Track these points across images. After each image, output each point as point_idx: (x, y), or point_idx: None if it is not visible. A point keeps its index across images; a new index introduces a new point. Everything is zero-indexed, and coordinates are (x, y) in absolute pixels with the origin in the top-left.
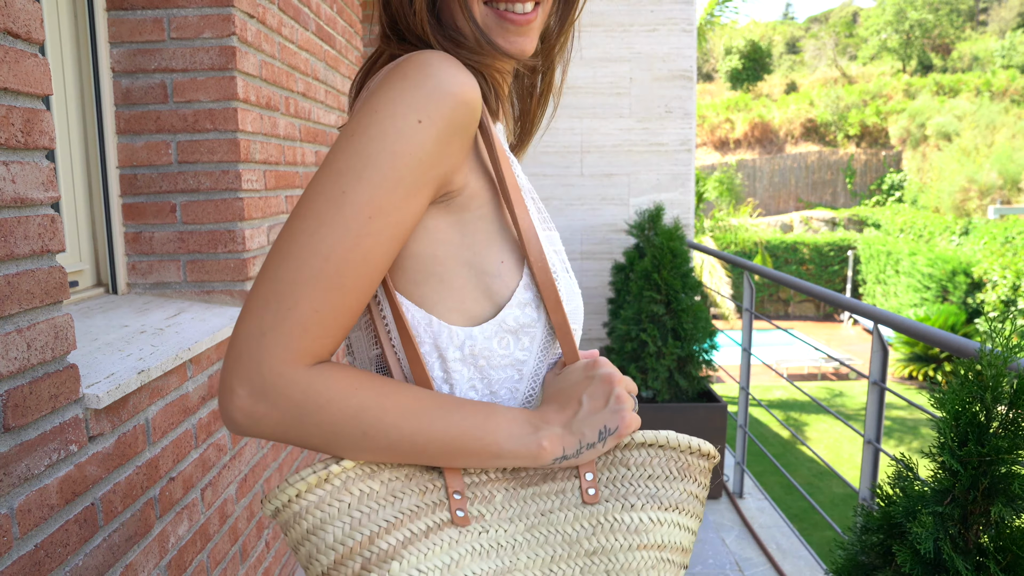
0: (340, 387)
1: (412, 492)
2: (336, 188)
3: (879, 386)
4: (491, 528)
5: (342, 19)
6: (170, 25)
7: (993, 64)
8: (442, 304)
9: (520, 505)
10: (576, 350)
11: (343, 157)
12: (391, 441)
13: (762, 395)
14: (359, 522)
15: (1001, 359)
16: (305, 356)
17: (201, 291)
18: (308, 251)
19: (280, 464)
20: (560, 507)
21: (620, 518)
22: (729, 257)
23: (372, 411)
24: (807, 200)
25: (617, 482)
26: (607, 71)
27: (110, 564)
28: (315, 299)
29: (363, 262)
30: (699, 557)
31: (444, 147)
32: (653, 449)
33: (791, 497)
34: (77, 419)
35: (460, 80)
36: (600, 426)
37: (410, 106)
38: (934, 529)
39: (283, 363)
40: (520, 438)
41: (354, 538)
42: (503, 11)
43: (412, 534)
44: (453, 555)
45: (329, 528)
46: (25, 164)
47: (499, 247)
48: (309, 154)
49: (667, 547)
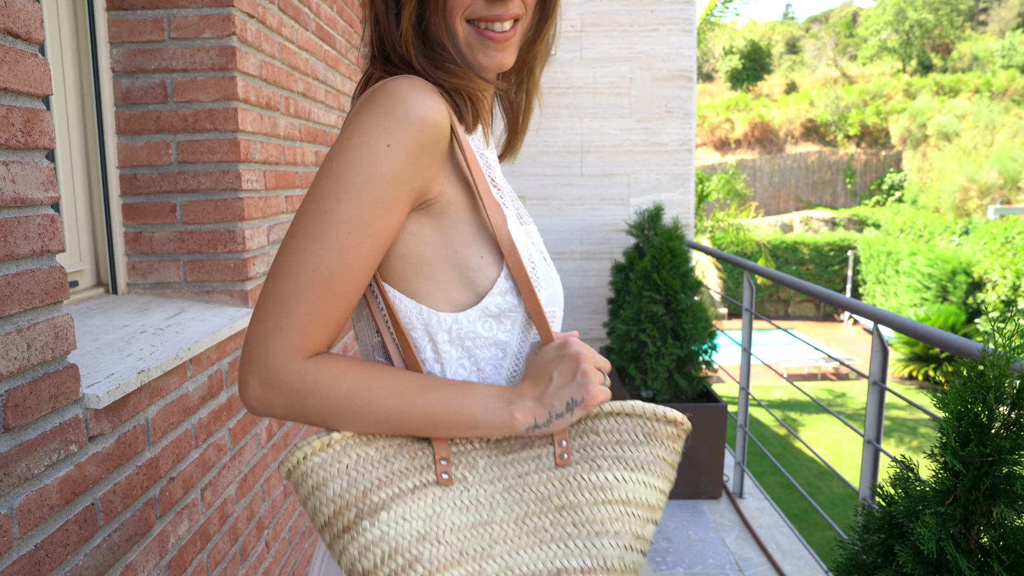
0: (332, 374)
1: (403, 457)
2: (320, 210)
3: (879, 386)
4: (472, 488)
5: (342, 19)
6: (170, 25)
7: (993, 64)
8: (431, 296)
9: (500, 469)
10: (550, 332)
11: (326, 182)
12: (379, 417)
13: (762, 395)
14: (355, 480)
15: (1003, 359)
16: (303, 351)
17: (201, 291)
18: (300, 265)
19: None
20: (535, 470)
21: (587, 478)
22: (729, 257)
23: (361, 392)
24: (807, 200)
25: (588, 447)
26: (607, 71)
27: (110, 564)
28: (308, 304)
29: (347, 271)
30: (699, 557)
31: (414, 164)
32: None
33: (791, 497)
34: (77, 419)
35: (426, 105)
36: (568, 398)
37: (380, 132)
38: (936, 529)
39: (285, 358)
40: (494, 411)
41: (350, 492)
42: (483, 29)
43: (400, 491)
44: (436, 508)
45: (330, 484)
46: (25, 164)
47: (478, 244)
48: (309, 154)
49: (632, 503)
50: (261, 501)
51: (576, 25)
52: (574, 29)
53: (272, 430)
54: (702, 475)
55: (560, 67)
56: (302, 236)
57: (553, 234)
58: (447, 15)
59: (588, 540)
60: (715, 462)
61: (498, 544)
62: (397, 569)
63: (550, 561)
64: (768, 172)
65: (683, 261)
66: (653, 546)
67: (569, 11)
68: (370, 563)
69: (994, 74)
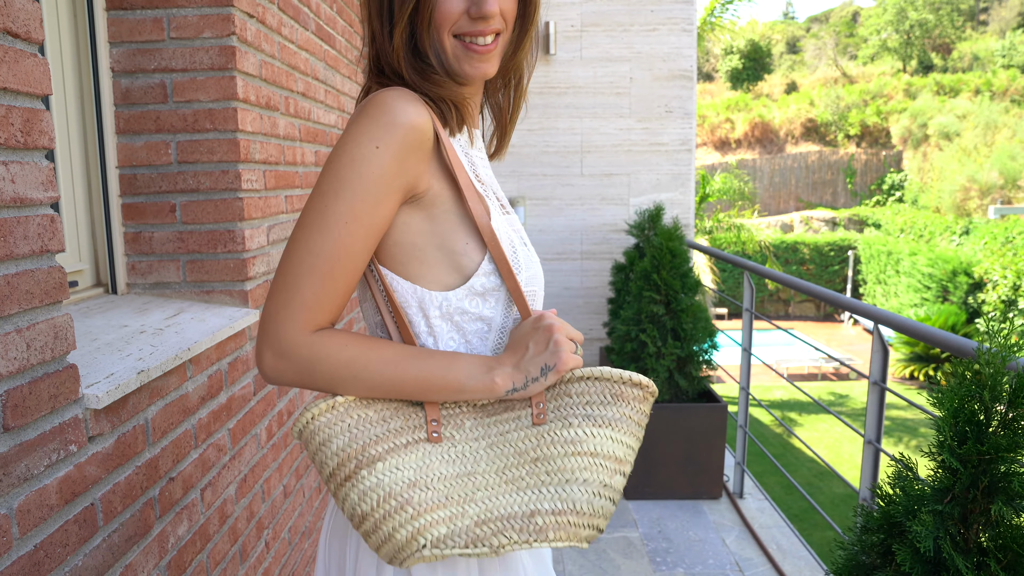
0: (335, 345)
1: (398, 418)
2: (321, 204)
3: (879, 386)
4: (459, 444)
5: (342, 19)
6: (170, 25)
7: (994, 64)
8: (423, 278)
9: (484, 429)
10: (528, 308)
11: (325, 181)
12: (376, 382)
13: (762, 395)
14: (355, 436)
15: (999, 358)
16: (309, 325)
17: (201, 291)
18: (305, 251)
19: (280, 464)
20: (515, 428)
21: (560, 433)
22: (729, 257)
23: (360, 361)
24: (807, 200)
25: (561, 408)
26: (607, 71)
27: (110, 564)
28: (313, 285)
29: (345, 257)
30: (699, 557)
31: (401, 164)
32: (591, 381)
33: (791, 497)
34: (77, 419)
35: (410, 112)
36: (542, 364)
37: (370, 137)
38: (934, 528)
39: (293, 331)
40: (477, 377)
41: (351, 447)
42: (468, 43)
43: (395, 445)
44: (425, 461)
45: (334, 440)
46: (24, 164)
47: (463, 232)
48: (309, 154)
49: (600, 455)
50: (261, 501)
51: (576, 25)
52: (574, 29)
53: (272, 430)
54: (702, 475)
55: (560, 67)
56: (306, 227)
57: (553, 234)
58: (436, 31)
59: (560, 487)
60: (715, 462)
61: (480, 491)
62: (390, 511)
63: (525, 504)
64: (768, 172)
65: (683, 261)
66: (653, 546)
67: (569, 11)
68: (367, 506)
69: (995, 74)
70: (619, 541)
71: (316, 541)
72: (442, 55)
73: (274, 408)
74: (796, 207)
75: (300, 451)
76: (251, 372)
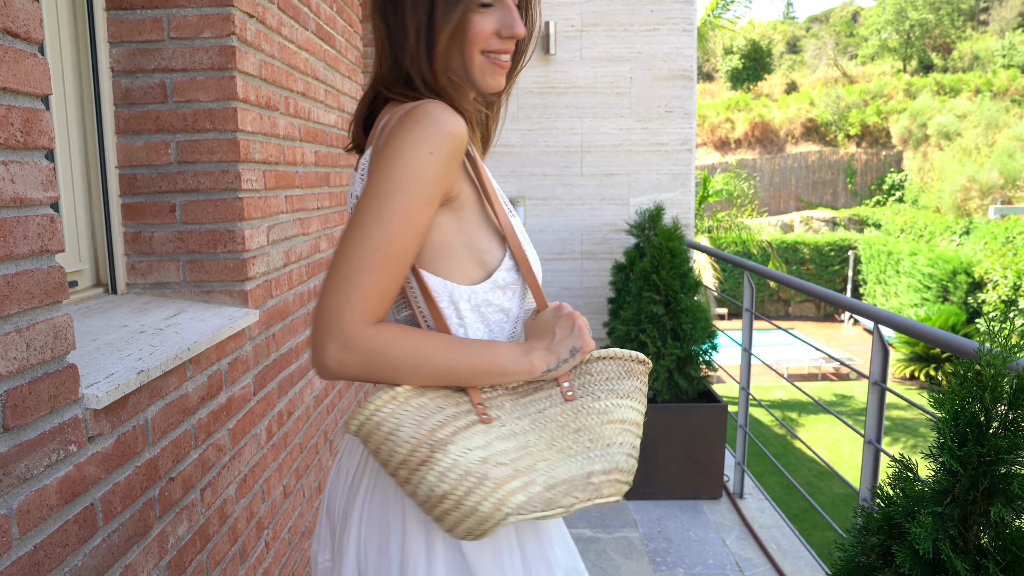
0: (395, 335)
1: (449, 405)
2: (377, 203)
3: (879, 386)
4: (507, 424)
5: (342, 19)
6: (170, 25)
7: (994, 64)
8: (452, 273)
9: (523, 408)
10: (545, 299)
11: (380, 181)
12: (434, 370)
13: (762, 395)
14: (421, 423)
15: (1000, 359)
16: (370, 318)
17: (201, 291)
18: (364, 246)
19: (280, 464)
20: (550, 406)
21: (592, 405)
22: (729, 257)
23: (420, 350)
24: (807, 200)
25: (585, 385)
26: (607, 71)
27: (109, 564)
28: (372, 278)
29: (400, 252)
30: (699, 557)
31: (445, 169)
32: (607, 361)
33: (791, 497)
34: (76, 419)
35: (453, 121)
36: (570, 347)
37: (424, 143)
38: (933, 529)
39: (358, 323)
40: (518, 360)
41: (422, 432)
42: (493, 59)
43: (457, 428)
44: (486, 439)
45: (403, 428)
46: (24, 164)
47: (486, 232)
48: (309, 154)
49: (627, 421)
50: (261, 501)
51: (576, 25)
52: (574, 29)
53: (272, 430)
54: (702, 475)
55: (560, 67)
56: (364, 225)
57: (553, 234)
58: (469, 48)
59: (603, 450)
60: (715, 462)
61: (539, 462)
62: (471, 486)
63: (580, 468)
64: (768, 172)
65: (683, 261)
66: (653, 546)
67: (569, 11)
68: (448, 485)
69: (995, 74)
70: (619, 541)
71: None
72: (470, 70)
73: (274, 408)
74: (796, 207)
75: (300, 451)
76: (251, 372)
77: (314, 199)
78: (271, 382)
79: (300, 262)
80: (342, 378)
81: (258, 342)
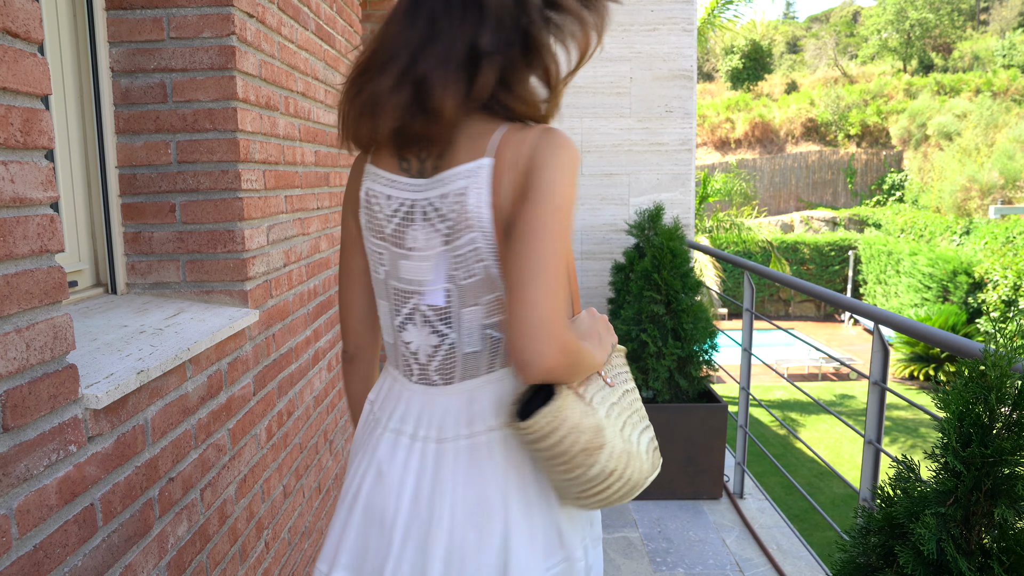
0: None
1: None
2: (565, 220)
3: (880, 386)
4: (603, 408)
5: (342, 18)
6: (169, 24)
7: (994, 64)
8: None
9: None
10: (580, 304)
11: (561, 200)
12: (591, 364)
13: (762, 395)
14: (586, 411)
15: (1005, 360)
16: (568, 322)
17: (200, 291)
18: (559, 259)
19: (280, 464)
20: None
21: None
22: (729, 257)
23: (589, 350)
24: (808, 200)
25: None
26: (607, 71)
27: (109, 564)
28: (564, 287)
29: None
30: (699, 557)
31: None
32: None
33: (792, 497)
34: (76, 419)
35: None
36: (611, 344)
37: (575, 166)
38: (937, 530)
39: (566, 328)
40: (601, 355)
41: (591, 418)
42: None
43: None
44: (613, 397)
45: (585, 420)
46: (24, 164)
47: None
48: (309, 154)
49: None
50: (260, 501)
51: None
52: None
53: (272, 430)
54: (702, 475)
55: None
56: (558, 238)
57: None
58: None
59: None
60: (715, 462)
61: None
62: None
63: (649, 439)
64: (768, 172)
65: (683, 261)
66: (653, 546)
67: None
68: (615, 463)
69: (995, 74)
70: (619, 541)
71: (316, 541)
72: (555, 103)
73: (274, 408)
74: (796, 207)
75: (300, 451)
76: (251, 372)
77: (314, 199)
78: (271, 382)
79: (300, 262)
80: (552, 380)
81: (258, 342)
